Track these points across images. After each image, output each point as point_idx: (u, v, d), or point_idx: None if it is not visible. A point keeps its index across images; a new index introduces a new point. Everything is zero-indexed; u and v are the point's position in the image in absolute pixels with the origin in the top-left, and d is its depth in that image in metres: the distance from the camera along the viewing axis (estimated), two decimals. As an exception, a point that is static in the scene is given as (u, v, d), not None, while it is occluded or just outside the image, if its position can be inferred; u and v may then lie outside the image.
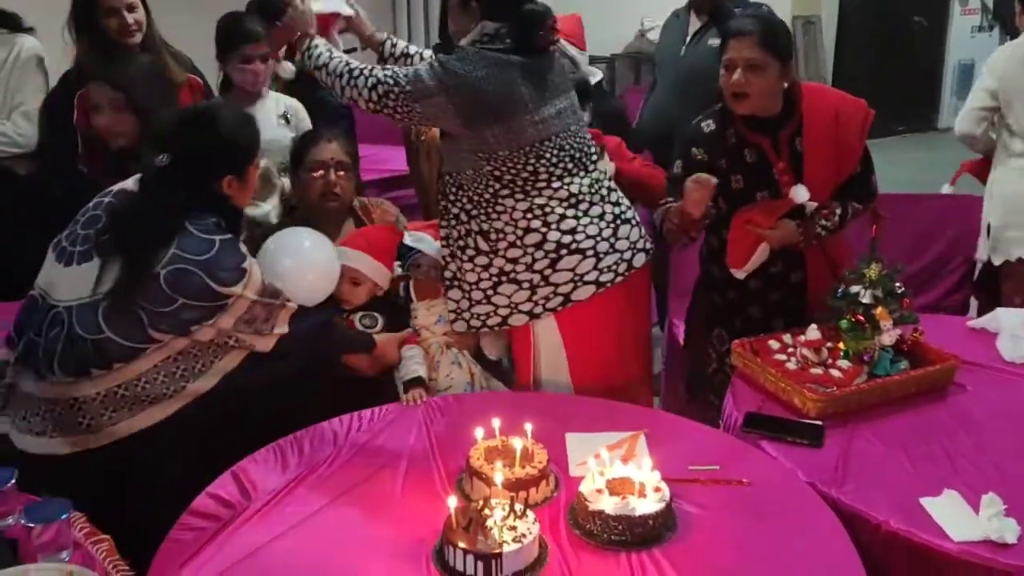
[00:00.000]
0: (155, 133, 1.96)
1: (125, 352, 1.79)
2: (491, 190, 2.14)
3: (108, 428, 1.81)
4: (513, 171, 2.11)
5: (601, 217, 2.20)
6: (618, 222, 2.23)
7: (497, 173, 2.12)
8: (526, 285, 2.18)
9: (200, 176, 1.87)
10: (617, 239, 2.21)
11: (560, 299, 2.18)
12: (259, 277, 1.87)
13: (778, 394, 1.99)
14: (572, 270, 2.16)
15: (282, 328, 1.92)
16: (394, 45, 2.42)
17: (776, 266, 2.30)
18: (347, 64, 2.16)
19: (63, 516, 1.45)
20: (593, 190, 2.21)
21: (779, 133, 2.25)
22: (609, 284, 2.18)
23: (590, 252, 2.16)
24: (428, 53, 2.42)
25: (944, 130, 7.97)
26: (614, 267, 2.19)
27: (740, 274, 2.27)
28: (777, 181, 2.25)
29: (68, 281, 1.82)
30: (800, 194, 2.20)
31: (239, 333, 1.88)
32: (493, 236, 2.16)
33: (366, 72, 2.12)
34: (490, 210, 2.15)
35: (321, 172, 2.42)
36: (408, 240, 2.43)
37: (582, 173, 2.19)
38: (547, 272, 2.16)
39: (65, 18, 2.66)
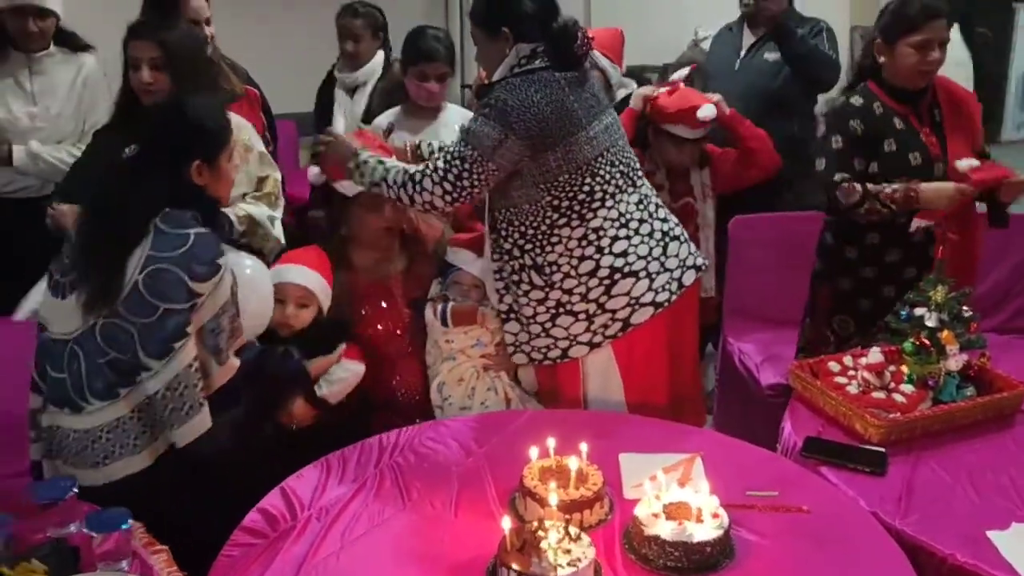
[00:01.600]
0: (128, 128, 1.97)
1: (134, 367, 1.75)
2: (548, 221, 2.11)
3: (152, 444, 1.79)
4: (571, 195, 2.09)
5: (651, 235, 2.17)
6: (667, 239, 2.20)
7: (555, 202, 2.09)
8: (583, 316, 2.15)
9: (168, 162, 1.83)
10: (667, 257, 2.18)
11: (619, 325, 2.14)
12: (231, 279, 1.83)
13: (838, 418, 1.94)
14: (627, 294, 2.13)
15: (235, 358, 1.86)
16: (429, 145, 2.42)
17: (917, 236, 2.33)
18: (404, 172, 2.11)
19: (123, 526, 1.48)
20: (641, 207, 2.18)
21: (920, 104, 2.37)
22: (666, 304, 2.15)
23: (643, 274, 2.13)
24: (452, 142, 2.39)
25: (1008, 143, 7.73)
26: (667, 286, 2.16)
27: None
28: (925, 144, 2.34)
29: (64, 314, 1.80)
30: (965, 164, 2.29)
31: (201, 350, 1.80)
32: (548, 269, 2.14)
33: (427, 171, 2.08)
34: (544, 242, 2.13)
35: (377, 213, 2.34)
36: (448, 256, 2.41)
37: (631, 190, 2.17)
38: (602, 299, 2.13)
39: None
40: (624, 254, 2.12)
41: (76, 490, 1.59)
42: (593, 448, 1.73)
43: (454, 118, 2.77)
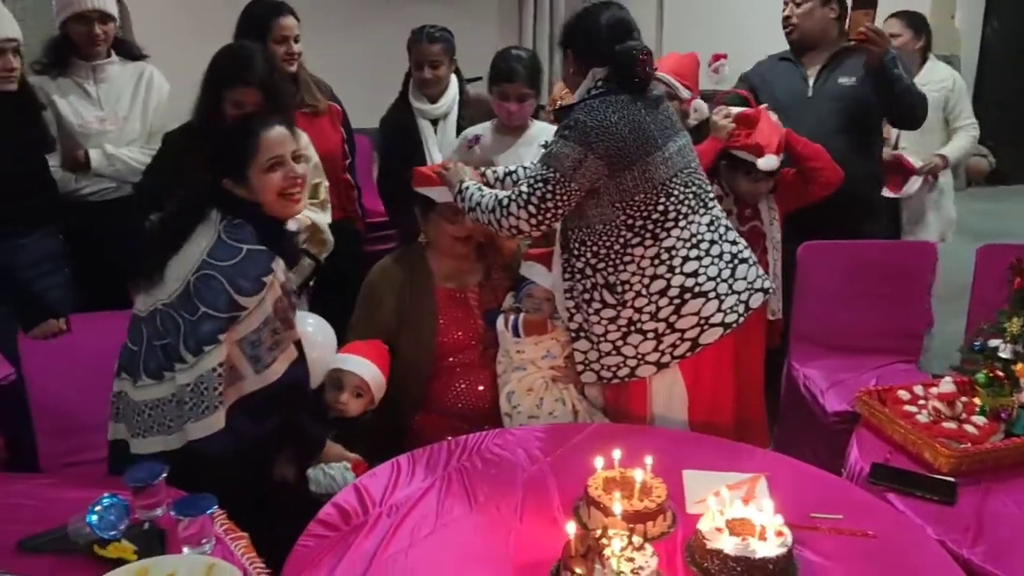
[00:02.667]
0: None
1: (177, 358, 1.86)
2: (621, 240, 2.15)
3: (181, 430, 1.87)
4: (645, 214, 2.12)
5: (720, 257, 2.19)
6: (736, 261, 2.21)
7: (630, 221, 2.13)
8: (651, 335, 2.17)
9: (216, 172, 1.97)
10: (735, 279, 2.19)
11: (688, 344, 2.16)
12: (276, 296, 1.92)
13: (907, 446, 1.93)
14: (697, 314, 2.15)
15: (279, 367, 1.94)
16: (495, 171, 2.46)
17: None
18: (494, 196, 2.18)
19: (209, 511, 1.56)
20: (712, 228, 2.21)
21: None
22: (734, 325, 2.16)
23: (712, 294, 2.15)
24: (527, 164, 2.44)
25: None
26: (735, 308, 2.17)
27: None
28: None
29: (144, 294, 1.95)
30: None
31: (237, 360, 1.89)
32: (620, 288, 2.17)
33: (512, 196, 2.14)
34: (617, 261, 2.16)
35: (453, 217, 2.39)
36: (522, 270, 2.46)
37: (702, 211, 2.20)
38: (672, 319, 2.15)
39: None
40: (695, 274, 2.15)
41: (165, 475, 1.69)
42: (657, 462, 1.76)
43: (540, 136, 2.81)
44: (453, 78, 3.10)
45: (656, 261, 2.14)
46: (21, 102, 2.43)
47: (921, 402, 2.02)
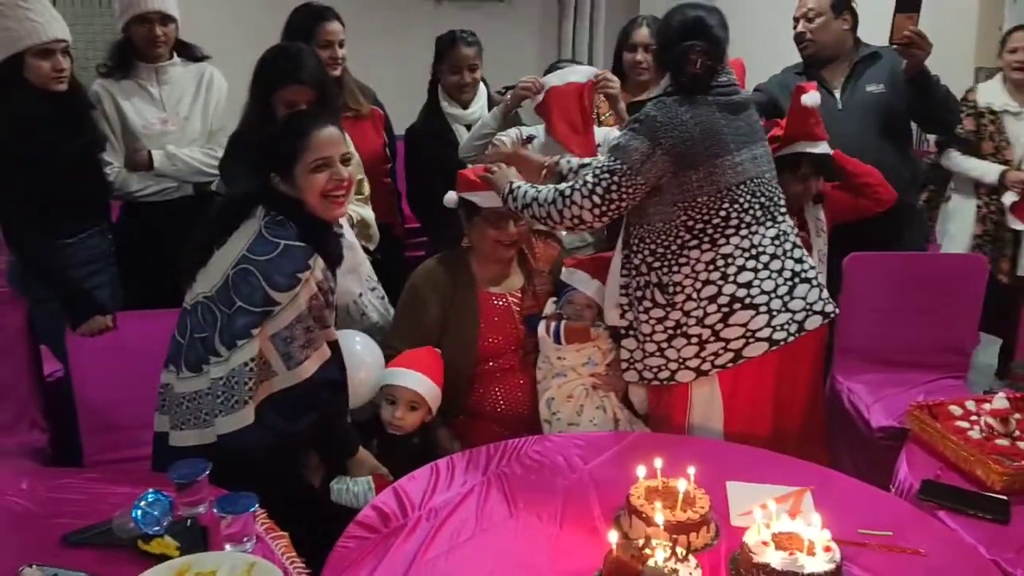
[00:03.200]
0: None
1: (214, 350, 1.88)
2: (679, 241, 2.13)
3: (212, 424, 1.88)
4: (706, 218, 2.10)
5: (780, 272, 2.15)
6: (796, 280, 2.16)
7: (690, 223, 2.11)
8: (695, 340, 2.14)
9: (258, 171, 1.99)
10: (792, 298, 2.14)
11: (730, 355, 2.13)
12: (311, 294, 1.90)
13: (958, 463, 1.88)
14: (744, 325, 2.11)
15: (311, 365, 1.92)
16: (568, 162, 2.45)
17: None
18: (554, 189, 2.16)
19: (251, 509, 1.56)
20: (777, 243, 2.16)
21: None
22: (782, 343, 2.11)
23: (763, 308, 2.11)
24: (600, 158, 2.40)
25: None
26: (786, 326, 2.12)
27: None
28: None
29: (191, 290, 1.97)
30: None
31: (269, 355, 1.88)
32: (671, 289, 2.15)
33: (576, 185, 2.12)
34: (672, 262, 2.14)
35: (498, 221, 2.38)
36: (563, 276, 2.45)
37: (769, 223, 2.16)
38: (718, 327, 2.12)
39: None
40: (748, 285, 2.12)
41: (208, 472, 1.70)
42: (700, 472, 1.73)
43: (596, 137, 2.80)
44: (482, 84, 3.10)
45: (711, 266, 2.12)
46: (72, 102, 2.46)
47: (973, 418, 1.97)
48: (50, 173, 2.36)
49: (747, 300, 2.11)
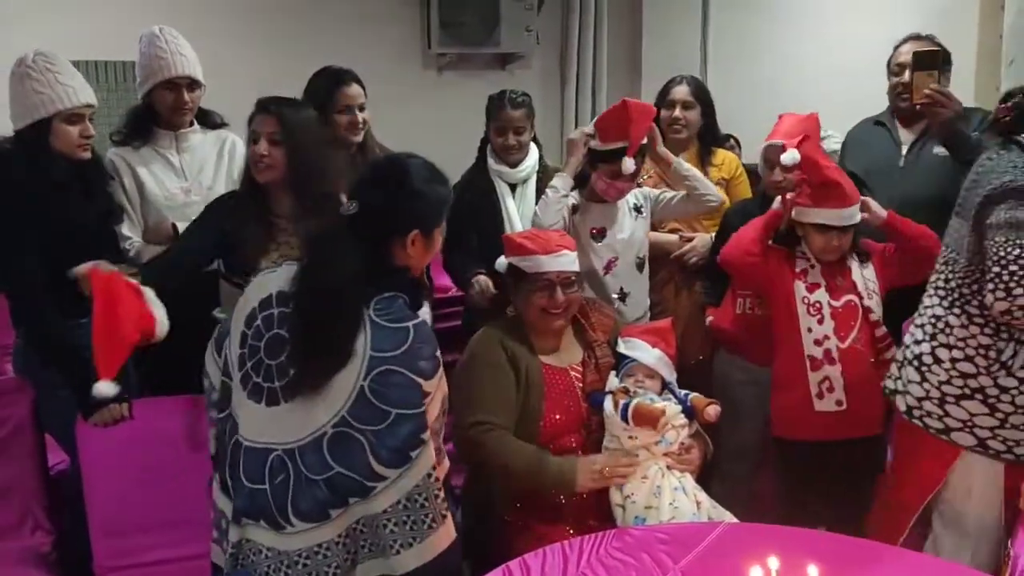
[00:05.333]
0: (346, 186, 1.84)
1: (356, 487, 1.57)
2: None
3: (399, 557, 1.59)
4: None
5: None
6: None
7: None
8: (1000, 415, 1.99)
9: (385, 228, 1.69)
10: None
11: None
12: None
13: (1094, 551, 1.70)
14: None
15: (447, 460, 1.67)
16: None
17: None
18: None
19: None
20: None
21: None
22: None
23: None
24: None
25: None
26: None
27: None
28: None
29: (278, 422, 1.63)
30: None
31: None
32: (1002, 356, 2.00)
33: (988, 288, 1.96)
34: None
35: (546, 289, 2.22)
36: (621, 347, 2.28)
37: None
38: None
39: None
40: None
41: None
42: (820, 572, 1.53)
43: (631, 200, 2.72)
44: (532, 144, 2.98)
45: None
46: (92, 170, 2.32)
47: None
48: (65, 243, 2.18)
49: None
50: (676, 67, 3.59)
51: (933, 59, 2.67)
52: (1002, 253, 1.92)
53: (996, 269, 1.93)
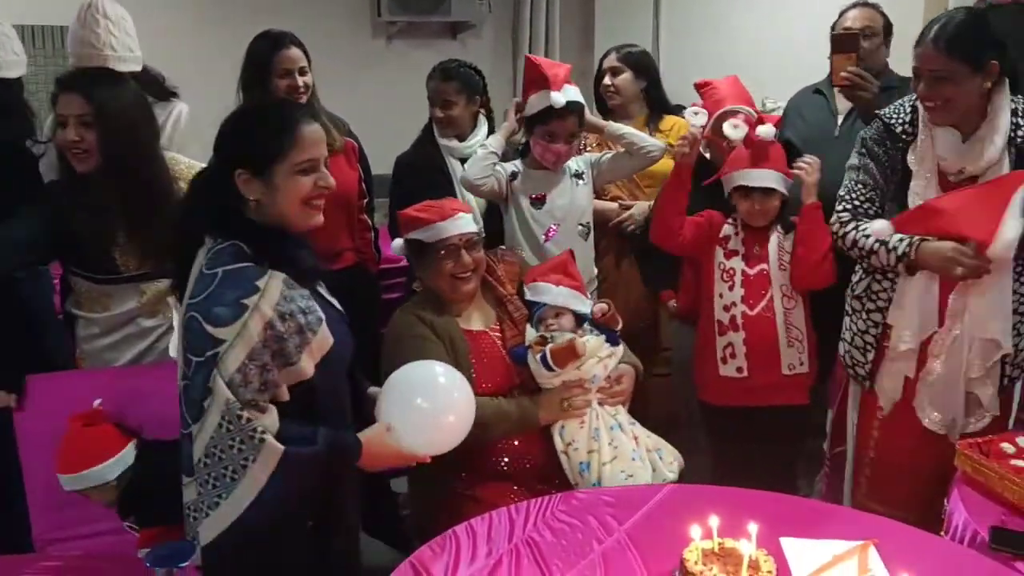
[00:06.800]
0: None
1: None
2: None
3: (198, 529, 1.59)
4: None
5: None
6: None
7: None
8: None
9: (219, 172, 1.67)
10: None
11: None
12: (265, 321, 1.57)
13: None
14: None
15: (267, 421, 1.57)
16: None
17: None
18: None
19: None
20: None
21: None
22: None
23: None
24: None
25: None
26: None
27: None
28: None
29: None
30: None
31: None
32: None
33: None
34: None
35: (451, 255, 2.20)
36: (529, 294, 2.26)
37: None
38: None
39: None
40: None
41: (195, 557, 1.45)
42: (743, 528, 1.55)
43: (572, 167, 2.70)
44: (485, 122, 2.92)
45: None
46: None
47: (1029, 455, 1.84)
48: None
49: None
50: (628, 37, 3.58)
51: (852, 42, 2.68)
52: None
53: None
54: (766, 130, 2.44)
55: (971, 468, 1.86)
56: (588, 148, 2.99)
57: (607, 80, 3.07)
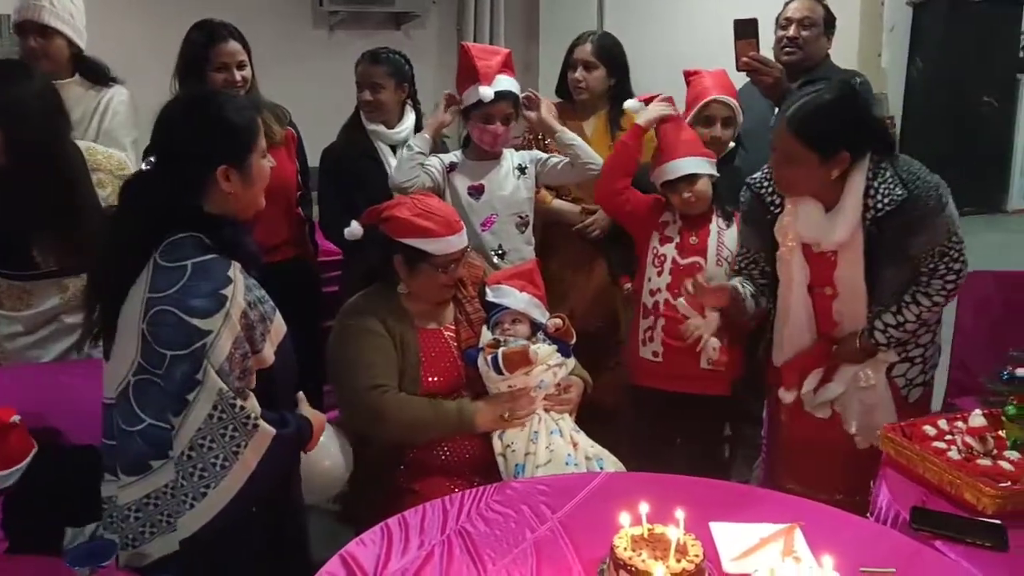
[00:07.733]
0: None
1: (166, 437, 1.56)
2: None
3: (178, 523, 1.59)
4: None
5: None
6: None
7: None
8: None
9: (193, 168, 1.64)
10: None
11: None
12: (240, 311, 1.59)
13: (943, 487, 1.79)
14: None
15: (252, 406, 1.59)
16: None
17: None
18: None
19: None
20: None
21: None
22: None
23: None
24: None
25: (1014, 212, 7.75)
26: None
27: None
28: None
29: (107, 376, 1.65)
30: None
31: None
32: None
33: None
34: None
35: (449, 268, 2.19)
36: (489, 295, 2.26)
37: None
38: None
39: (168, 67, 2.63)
40: None
41: (116, 557, 1.42)
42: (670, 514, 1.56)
43: (515, 160, 2.69)
44: (412, 112, 2.89)
45: None
46: None
47: (948, 437, 1.89)
48: None
49: None
50: (574, 29, 3.57)
51: (752, 28, 2.72)
52: None
53: None
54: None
55: (894, 450, 1.91)
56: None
57: (578, 74, 2.89)
